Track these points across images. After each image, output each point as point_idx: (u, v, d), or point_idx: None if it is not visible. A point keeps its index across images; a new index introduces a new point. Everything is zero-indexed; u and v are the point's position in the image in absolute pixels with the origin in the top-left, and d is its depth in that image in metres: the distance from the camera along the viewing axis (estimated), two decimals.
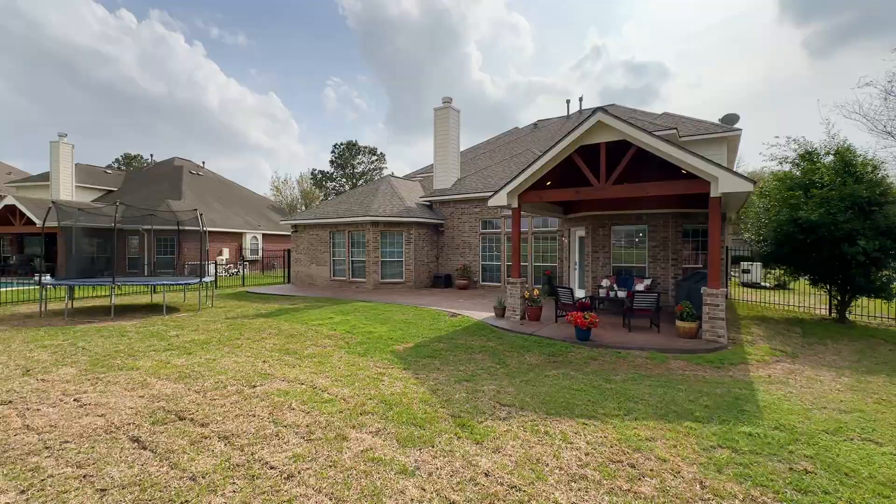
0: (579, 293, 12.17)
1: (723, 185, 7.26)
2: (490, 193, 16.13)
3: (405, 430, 3.96)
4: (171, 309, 11.97)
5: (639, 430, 4.07)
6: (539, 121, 24.44)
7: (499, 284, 16.11)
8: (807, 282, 11.32)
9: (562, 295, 9.34)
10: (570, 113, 23.56)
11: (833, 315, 11.09)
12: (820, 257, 9.65)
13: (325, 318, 10.20)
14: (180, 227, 15.23)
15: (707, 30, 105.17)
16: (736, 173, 7.14)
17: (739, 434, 3.99)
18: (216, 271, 18.01)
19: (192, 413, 4.25)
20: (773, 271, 18.94)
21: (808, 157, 10.60)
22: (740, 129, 14.42)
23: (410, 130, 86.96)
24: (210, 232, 24.17)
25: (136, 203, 25.47)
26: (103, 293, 15.16)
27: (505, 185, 9.81)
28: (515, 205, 9.85)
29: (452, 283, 17.07)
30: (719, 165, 7.27)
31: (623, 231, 11.70)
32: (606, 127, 8.50)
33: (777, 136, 12.70)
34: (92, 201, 28.15)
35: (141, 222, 21.31)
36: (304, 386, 5.14)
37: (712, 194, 7.52)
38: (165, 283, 11.16)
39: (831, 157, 10.31)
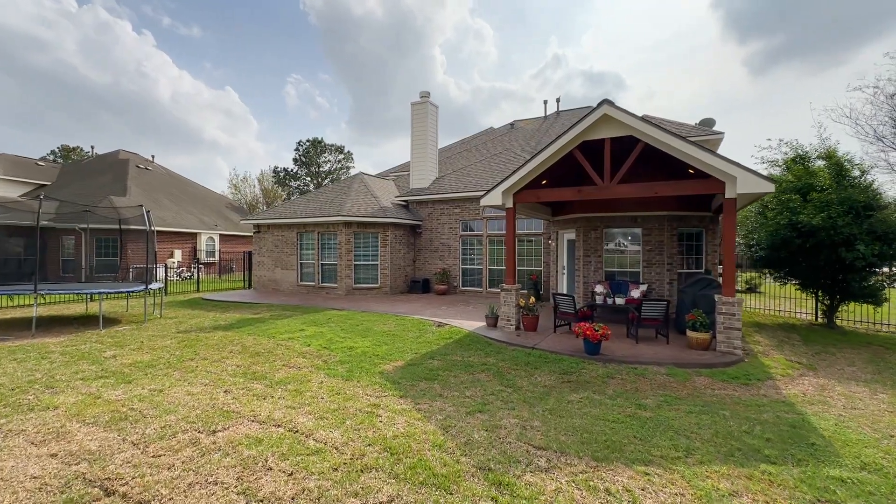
0: None
1: (741, 185, 6.73)
2: (471, 193, 15.46)
3: (426, 495, 2.98)
4: (111, 321, 10.30)
5: (713, 478, 3.29)
6: (516, 121, 23.96)
7: (480, 289, 15.29)
8: (795, 286, 11.21)
9: (561, 303, 8.60)
10: (548, 114, 23.22)
11: (821, 320, 11.02)
12: (817, 262, 9.46)
13: (296, 330, 8.97)
14: (123, 226, 13.43)
15: (659, 44, 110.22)
16: (756, 173, 6.64)
17: (830, 480, 3.30)
18: (166, 275, 16.12)
19: (126, 483, 3.07)
20: (742, 274, 19.28)
21: (801, 160, 10.46)
22: (723, 133, 14.33)
23: (374, 131, 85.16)
24: (160, 231, 21.94)
25: (73, 198, 22.80)
26: (29, 302, 13.06)
27: (499, 184, 8.98)
28: (510, 204, 9.04)
29: (430, 287, 16.09)
30: (738, 164, 6.74)
31: (616, 234, 11.16)
32: (612, 121, 7.85)
33: (769, 139, 12.65)
34: (20, 196, 25.02)
35: (77, 220, 18.98)
36: (281, 429, 4.03)
37: (728, 195, 7.00)
38: (102, 290, 9.51)
39: (822, 162, 10.21)
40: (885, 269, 9.80)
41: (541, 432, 4.10)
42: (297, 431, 3.97)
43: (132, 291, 10.03)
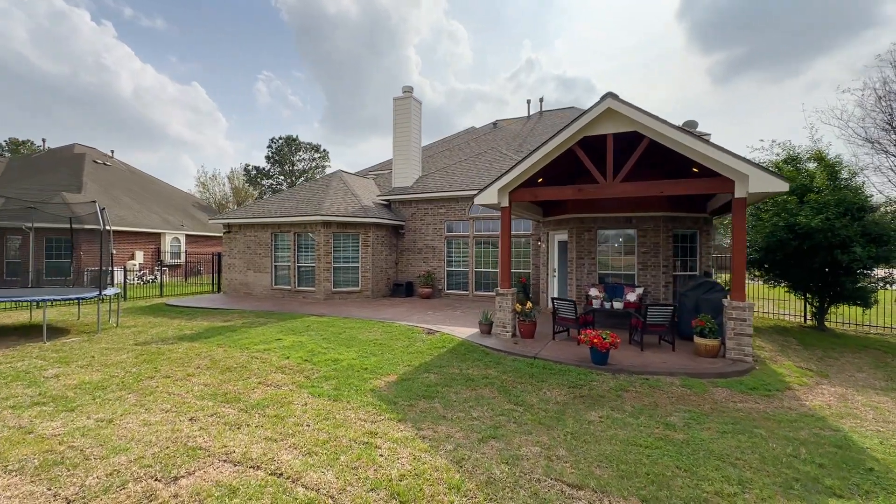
0: None
1: (753, 184, 6.40)
2: (457, 193, 14.86)
3: None
4: (58, 331, 9.14)
5: None
6: (498, 120, 23.60)
7: (466, 293, 14.72)
8: (785, 288, 11.15)
9: (561, 308, 8.11)
10: (531, 114, 22.94)
11: (811, 322, 10.99)
12: (811, 264, 9.35)
13: (272, 339, 8.14)
14: (75, 225, 12.16)
15: (629, 51, 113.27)
16: (770, 171, 6.32)
17: None
18: (125, 279, 14.81)
19: None
20: (720, 276, 19.47)
21: (792, 161, 10.39)
22: (710, 134, 14.31)
23: (348, 131, 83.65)
24: (120, 231, 20.38)
25: (21, 195, 20.87)
26: None
27: (495, 181, 8.43)
28: (506, 203, 8.50)
29: (414, 291, 15.40)
30: (752, 162, 6.41)
31: (610, 235, 10.80)
32: (616, 115, 7.42)
33: (762, 140, 12.64)
34: None
35: (23, 218, 17.29)
36: (260, 472, 3.29)
37: (737, 194, 6.66)
38: (48, 297, 8.39)
39: (814, 164, 10.17)
40: (877, 271, 9.81)
41: (570, 464, 3.54)
42: (280, 474, 3.25)
43: (83, 298, 8.93)
